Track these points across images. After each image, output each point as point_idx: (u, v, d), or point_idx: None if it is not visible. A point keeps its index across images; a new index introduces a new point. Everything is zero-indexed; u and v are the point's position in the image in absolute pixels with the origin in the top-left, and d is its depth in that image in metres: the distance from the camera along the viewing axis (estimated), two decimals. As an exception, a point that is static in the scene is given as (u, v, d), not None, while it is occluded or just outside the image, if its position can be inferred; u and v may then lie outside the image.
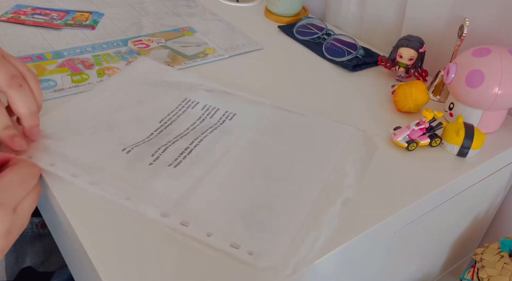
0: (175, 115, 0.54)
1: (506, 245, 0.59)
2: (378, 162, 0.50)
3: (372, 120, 0.58)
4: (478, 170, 0.52)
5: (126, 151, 0.47)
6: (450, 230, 0.63)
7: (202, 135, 0.51)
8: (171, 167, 0.46)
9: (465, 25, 0.58)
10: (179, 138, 0.50)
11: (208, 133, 0.51)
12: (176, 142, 0.49)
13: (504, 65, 0.51)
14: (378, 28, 0.77)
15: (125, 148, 0.48)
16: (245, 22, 0.81)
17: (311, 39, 0.75)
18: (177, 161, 0.47)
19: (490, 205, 0.67)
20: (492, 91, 0.51)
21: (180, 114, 0.54)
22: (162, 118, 0.53)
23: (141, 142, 0.49)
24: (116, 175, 0.44)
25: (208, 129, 0.52)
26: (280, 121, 0.55)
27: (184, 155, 0.47)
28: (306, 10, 0.86)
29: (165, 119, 0.53)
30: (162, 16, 0.81)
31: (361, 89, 0.64)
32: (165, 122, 0.52)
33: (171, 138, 0.50)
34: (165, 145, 0.49)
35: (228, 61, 0.69)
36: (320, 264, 0.39)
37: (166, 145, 0.49)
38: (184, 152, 0.48)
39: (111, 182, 0.43)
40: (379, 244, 0.48)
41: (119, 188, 0.43)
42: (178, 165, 0.46)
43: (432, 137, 0.53)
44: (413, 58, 0.63)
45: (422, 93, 0.57)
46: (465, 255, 0.75)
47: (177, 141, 0.50)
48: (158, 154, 0.47)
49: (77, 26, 0.74)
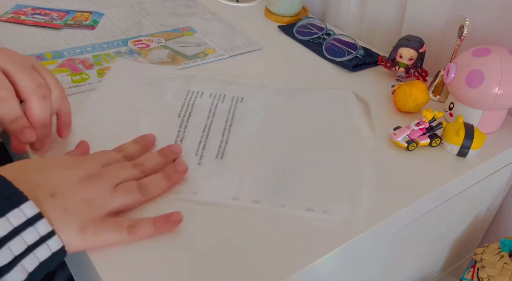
0: (189, 107, 0.55)
1: (506, 245, 0.59)
2: (376, 161, 0.50)
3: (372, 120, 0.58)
4: (478, 170, 0.52)
5: None
6: (450, 230, 0.63)
7: (227, 124, 0.53)
8: (218, 158, 0.49)
9: (465, 25, 0.58)
10: (207, 130, 0.52)
11: (231, 120, 0.54)
12: (209, 135, 0.52)
13: (504, 65, 0.51)
14: (378, 28, 0.77)
15: None
16: (245, 22, 0.81)
17: (311, 39, 0.75)
18: (220, 152, 0.49)
19: (490, 205, 0.67)
20: (492, 91, 0.51)
21: (192, 104, 0.56)
22: (178, 113, 0.54)
23: (175, 141, 0.50)
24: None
25: (227, 115, 0.55)
26: (283, 97, 0.60)
27: (223, 145, 0.50)
28: (306, 10, 0.86)
29: (182, 113, 0.54)
30: (162, 16, 0.81)
31: (361, 89, 0.64)
32: (184, 116, 0.54)
33: (200, 132, 0.52)
34: (200, 140, 0.51)
35: (228, 61, 0.69)
36: (320, 264, 0.39)
37: (201, 141, 0.51)
38: (222, 142, 0.51)
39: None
40: (379, 244, 0.48)
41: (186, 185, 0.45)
42: (223, 155, 0.49)
43: (432, 137, 0.53)
44: (413, 58, 0.63)
45: (422, 93, 0.57)
46: (465, 255, 0.75)
47: (209, 133, 0.52)
48: (200, 152, 0.49)
49: (77, 26, 0.74)
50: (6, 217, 0.31)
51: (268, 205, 0.44)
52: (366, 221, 0.43)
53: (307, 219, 0.43)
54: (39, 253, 0.32)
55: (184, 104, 0.56)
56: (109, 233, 0.37)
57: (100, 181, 0.39)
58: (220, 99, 0.57)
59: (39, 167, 0.37)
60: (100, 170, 0.40)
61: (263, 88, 0.61)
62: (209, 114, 0.54)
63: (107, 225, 0.37)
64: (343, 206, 0.44)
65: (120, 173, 0.41)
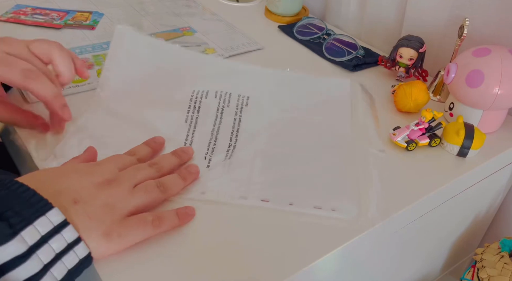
0: (195, 111, 0.55)
1: (506, 245, 0.59)
2: (378, 162, 0.50)
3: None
4: (478, 170, 0.52)
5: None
6: (450, 230, 0.63)
7: (234, 129, 0.53)
8: (226, 161, 0.49)
9: (465, 25, 0.58)
10: (216, 134, 0.52)
11: (238, 126, 0.54)
12: (217, 138, 0.52)
13: (504, 65, 0.51)
14: (378, 28, 0.77)
15: None
16: (245, 22, 0.81)
17: (311, 39, 0.75)
18: (229, 155, 0.49)
19: (490, 205, 0.67)
20: (492, 91, 0.51)
21: (198, 107, 0.55)
22: (185, 118, 0.54)
23: (184, 144, 0.50)
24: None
25: (234, 118, 0.55)
26: (288, 91, 0.61)
27: (231, 149, 0.50)
28: (306, 10, 0.86)
29: (189, 119, 0.54)
30: (162, 16, 0.81)
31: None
32: (191, 121, 0.53)
33: (208, 136, 0.52)
34: (209, 144, 0.51)
35: (228, 61, 0.68)
36: (320, 265, 0.39)
37: (210, 144, 0.51)
38: (230, 146, 0.51)
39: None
40: (379, 244, 0.48)
41: (195, 186, 0.45)
42: (232, 156, 0.49)
43: (431, 137, 0.53)
44: (413, 58, 0.63)
45: (422, 93, 0.57)
46: (465, 255, 0.75)
47: (217, 137, 0.52)
48: (209, 156, 0.49)
49: (77, 26, 0.74)
50: (33, 225, 0.31)
51: (277, 203, 0.44)
52: (367, 221, 0.43)
53: (313, 217, 0.43)
54: (67, 261, 0.32)
55: (190, 107, 0.55)
56: (133, 231, 0.37)
57: (118, 184, 0.39)
58: (225, 101, 0.57)
59: (58, 174, 0.37)
60: (117, 174, 0.40)
61: (266, 78, 0.62)
62: (216, 120, 0.54)
63: (130, 224, 0.37)
64: (351, 204, 0.45)
65: (137, 174, 0.41)
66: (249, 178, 0.47)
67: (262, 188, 0.46)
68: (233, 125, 0.54)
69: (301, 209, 0.44)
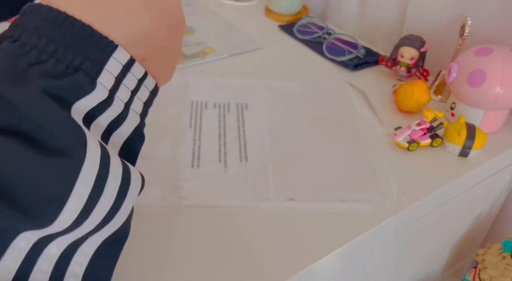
0: (197, 123, 0.55)
1: (508, 246, 0.59)
2: (378, 162, 0.50)
3: (373, 120, 0.58)
4: (480, 170, 0.52)
5: (194, 166, 0.48)
6: (451, 230, 0.62)
7: (240, 131, 0.53)
8: (242, 162, 0.49)
9: (466, 24, 0.57)
10: (224, 138, 0.52)
11: (243, 127, 0.54)
12: (226, 143, 0.52)
13: (505, 64, 0.50)
14: (379, 27, 0.76)
15: (192, 164, 0.49)
16: (245, 21, 0.81)
17: (312, 38, 0.75)
18: (243, 156, 0.50)
19: (492, 205, 0.66)
20: (494, 91, 0.51)
21: (199, 118, 0.55)
22: (189, 124, 0.54)
23: (193, 153, 0.50)
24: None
25: (238, 123, 0.55)
26: (282, 96, 0.61)
27: (243, 149, 0.51)
28: (306, 9, 0.86)
29: (193, 125, 0.54)
30: (162, 15, 0.80)
31: (362, 88, 0.63)
32: (196, 130, 0.53)
33: (217, 142, 0.51)
34: (220, 148, 0.51)
35: (228, 60, 0.68)
36: (320, 265, 0.39)
37: (221, 149, 0.51)
38: (241, 146, 0.51)
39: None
40: (380, 244, 0.48)
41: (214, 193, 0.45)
42: (247, 158, 0.49)
43: (433, 137, 0.53)
44: (415, 57, 0.63)
45: (423, 93, 0.57)
46: (466, 256, 0.74)
47: (226, 141, 0.52)
48: (223, 159, 0.49)
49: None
50: (105, 69, 0.30)
51: (302, 201, 0.44)
52: (394, 203, 0.44)
53: (317, 215, 0.43)
54: (141, 95, 0.33)
55: (191, 119, 0.55)
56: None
57: None
58: (225, 109, 0.57)
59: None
60: None
61: (261, 89, 0.62)
62: (220, 130, 0.54)
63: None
64: (372, 194, 0.46)
65: None
66: (268, 178, 0.47)
67: (283, 187, 0.46)
68: (238, 128, 0.54)
69: (328, 204, 0.44)
